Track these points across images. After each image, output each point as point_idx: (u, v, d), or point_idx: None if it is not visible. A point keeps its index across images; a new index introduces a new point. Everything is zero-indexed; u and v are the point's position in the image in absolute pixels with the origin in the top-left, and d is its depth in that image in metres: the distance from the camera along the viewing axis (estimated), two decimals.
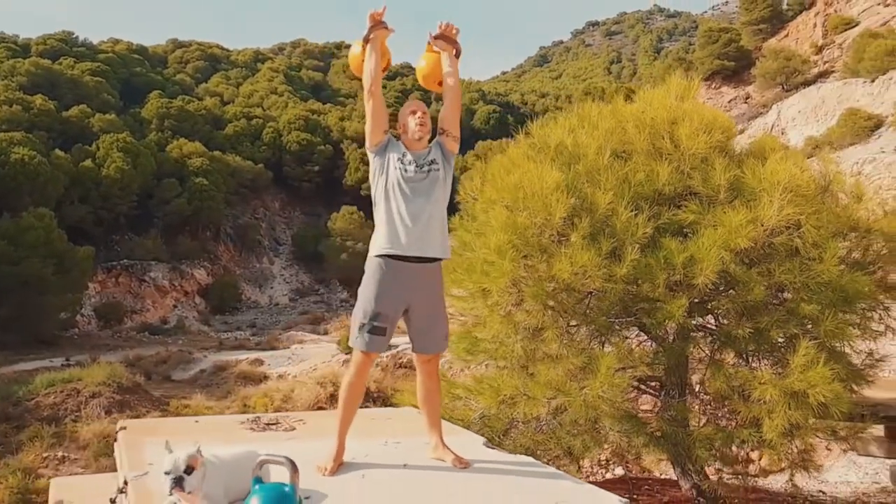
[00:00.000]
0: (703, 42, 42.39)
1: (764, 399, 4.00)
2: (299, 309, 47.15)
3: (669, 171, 4.43)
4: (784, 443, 4.20)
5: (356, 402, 3.48)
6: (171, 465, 2.56)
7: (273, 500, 2.45)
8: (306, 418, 4.44)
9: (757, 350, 4.50)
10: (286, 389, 24.74)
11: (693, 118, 4.59)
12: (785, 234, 4.18)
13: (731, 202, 4.34)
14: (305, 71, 74.13)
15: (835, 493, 6.26)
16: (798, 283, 4.13)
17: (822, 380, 3.78)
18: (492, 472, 3.32)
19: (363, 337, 3.27)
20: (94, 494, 3.87)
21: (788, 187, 4.11)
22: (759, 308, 4.27)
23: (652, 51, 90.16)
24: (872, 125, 26.58)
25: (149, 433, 3.87)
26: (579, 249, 4.09)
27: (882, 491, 6.45)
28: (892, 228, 4.54)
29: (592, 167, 4.51)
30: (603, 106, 5.08)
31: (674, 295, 4.20)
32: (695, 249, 4.12)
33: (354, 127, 55.55)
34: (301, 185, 54.41)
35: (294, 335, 37.12)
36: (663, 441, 4.52)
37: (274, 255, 53.17)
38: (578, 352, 4.34)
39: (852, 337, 4.47)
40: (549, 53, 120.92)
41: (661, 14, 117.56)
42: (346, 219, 48.57)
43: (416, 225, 3.24)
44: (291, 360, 30.40)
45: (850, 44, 32.73)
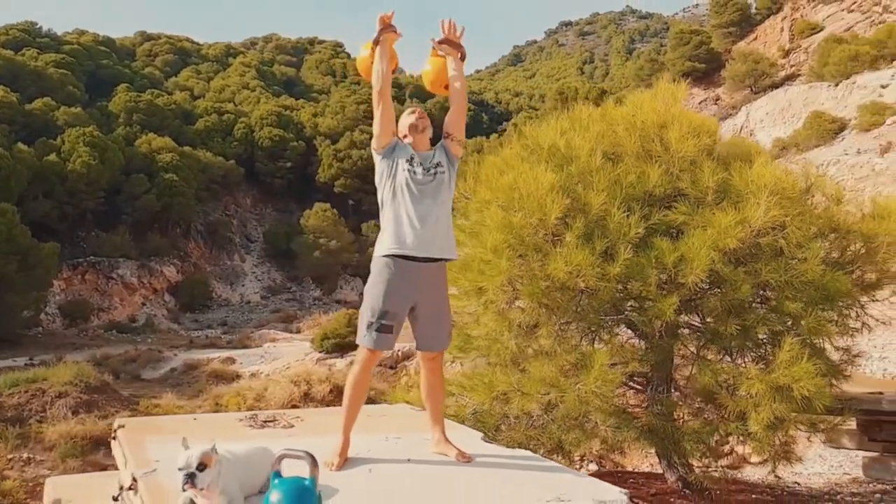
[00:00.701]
0: (674, 44, 43.04)
1: (751, 393, 4.15)
2: (271, 307, 46.74)
3: (659, 174, 4.56)
4: (768, 435, 4.35)
5: (361, 398, 3.54)
6: (184, 461, 2.60)
7: (294, 493, 2.50)
8: (303, 415, 4.48)
9: (741, 346, 4.65)
10: (259, 388, 24.52)
11: (682, 122, 4.72)
12: (771, 234, 4.34)
13: (719, 203, 4.49)
14: (278, 66, 73.44)
15: (809, 483, 6.48)
16: (782, 282, 4.29)
17: (806, 374, 3.94)
18: (494, 466, 3.41)
19: (371, 335, 3.33)
20: (92, 493, 3.87)
21: (774, 190, 4.26)
22: (744, 306, 4.42)
23: (624, 51, 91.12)
24: (837, 128, 27.30)
25: (149, 431, 3.88)
26: (574, 249, 4.19)
27: (854, 481, 6.69)
28: (870, 230, 4.73)
29: (585, 169, 4.62)
30: (593, 109, 5.18)
31: (664, 293, 4.32)
32: (685, 249, 4.26)
33: (327, 123, 55.22)
34: (273, 181, 53.89)
35: (266, 333, 36.81)
36: (652, 435, 4.65)
37: (245, 252, 52.58)
38: (571, 348, 4.45)
39: (832, 334, 4.65)
40: (522, 52, 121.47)
41: (633, 15, 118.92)
42: (319, 216, 48.26)
43: (424, 226, 3.30)
44: (264, 359, 30.17)
45: (815, 48, 33.55)
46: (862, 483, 6.54)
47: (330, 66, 75.63)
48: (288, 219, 53.17)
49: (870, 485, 6.41)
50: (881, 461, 6.13)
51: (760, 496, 5.66)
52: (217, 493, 2.63)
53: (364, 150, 52.17)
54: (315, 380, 24.83)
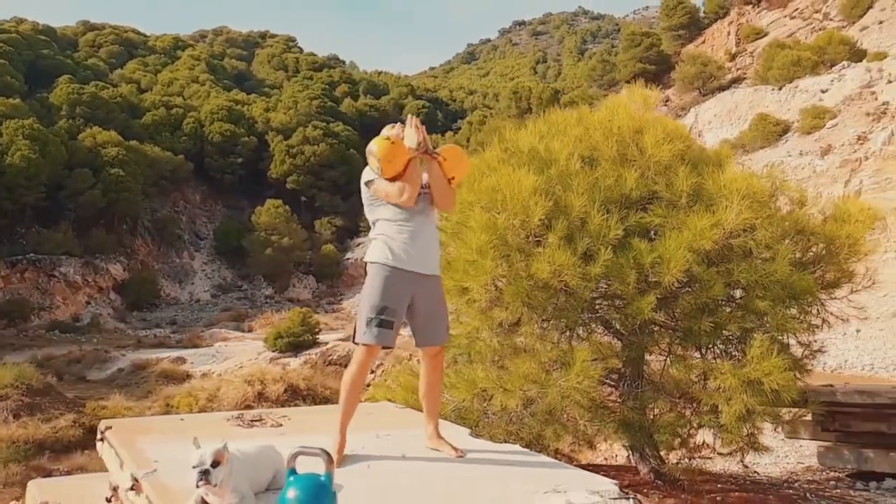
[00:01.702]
0: (626, 45, 43.97)
1: (723, 387, 4.36)
2: (222, 305, 45.90)
3: (636, 177, 4.73)
4: (738, 427, 4.57)
5: (358, 395, 3.61)
6: (197, 459, 2.64)
7: (311, 489, 2.54)
8: (290, 414, 4.49)
9: (712, 343, 4.86)
10: (212, 388, 24.12)
11: (656, 128, 4.90)
12: (742, 236, 4.55)
13: (692, 206, 4.68)
14: (228, 60, 72.03)
15: (767, 473, 6.79)
16: (752, 282, 4.50)
17: (776, 369, 4.15)
18: (486, 461, 3.51)
19: (371, 331, 3.39)
20: (80, 496, 3.81)
21: (745, 194, 4.47)
22: (716, 304, 4.63)
23: (576, 52, 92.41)
24: (780, 130, 28.35)
25: (137, 432, 3.85)
26: (556, 250, 4.31)
27: (807, 470, 7.05)
28: (831, 232, 5.01)
29: (564, 172, 4.75)
30: (569, 113, 5.32)
31: (642, 292, 4.49)
32: (662, 250, 4.43)
33: (280, 118, 54.41)
34: (224, 177, 52.83)
35: (217, 332, 36.16)
36: (627, 428, 4.82)
37: (195, 249, 51.40)
38: (552, 346, 4.58)
39: (799, 330, 4.91)
40: (476, 51, 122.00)
41: (585, 16, 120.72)
42: (271, 213, 47.55)
43: (415, 243, 3.43)
44: (216, 359, 29.67)
45: (760, 53, 34.76)
46: (816, 471, 6.89)
47: (282, 60, 74.56)
48: (239, 215, 52.24)
49: (823, 472, 6.77)
50: (834, 450, 6.47)
51: (725, 485, 5.92)
52: (229, 491, 2.67)
53: (317, 146, 51.64)
54: (269, 379, 24.52)
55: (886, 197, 22.23)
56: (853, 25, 34.61)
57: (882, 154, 24.21)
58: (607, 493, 3.00)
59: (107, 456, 3.67)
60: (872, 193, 23.00)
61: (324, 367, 27.19)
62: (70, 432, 17.80)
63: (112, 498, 3.53)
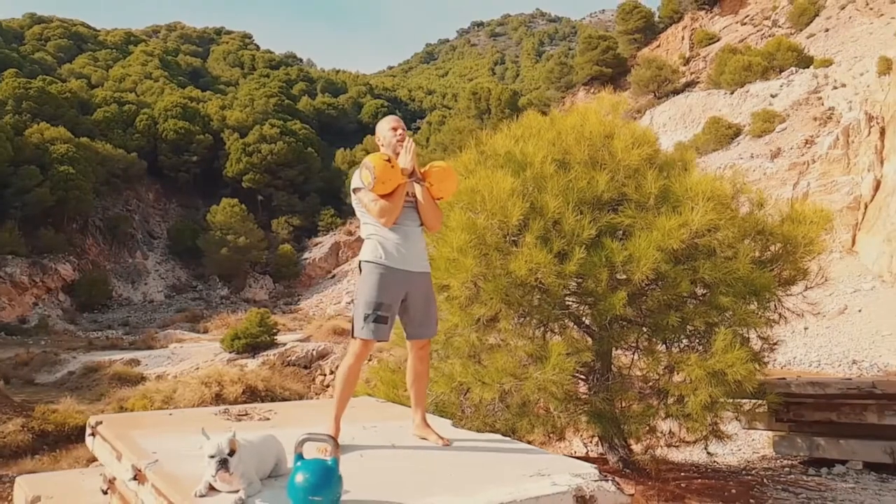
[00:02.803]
0: (583, 48, 44.65)
1: (690, 378, 4.59)
2: (176, 306, 45.00)
3: (607, 180, 4.93)
4: (703, 416, 4.81)
5: (353, 387, 3.76)
6: (214, 448, 2.77)
7: (320, 473, 2.66)
8: (275, 409, 4.56)
9: (677, 337, 5.11)
10: (167, 390, 23.66)
11: (626, 133, 5.12)
12: (707, 236, 4.79)
13: (660, 208, 4.90)
14: (183, 56, 70.62)
15: (726, 461, 7.11)
16: (717, 279, 4.75)
17: (738, 360, 4.40)
18: (472, 449, 3.69)
19: (369, 326, 3.54)
20: (71, 490, 3.84)
21: (710, 196, 4.71)
22: (682, 300, 4.86)
23: (534, 53, 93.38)
24: (732, 133, 29.23)
25: (130, 426, 3.92)
26: (533, 249, 4.48)
27: (762, 458, 7.39)
28: (788, 232, 5.30)
29: (539, 174, 4.92)
30: (542, 117, 5.50)
31: (613, 289, 4.69)
32: (633, 249, 4.64)
33: (236, 116, 53.61)
34: (178, 175, 51.80)
35: (172, 334, 35.46)
36: (599, 418, 5.03)
37: (148, 249, 50.23)
38: (528, 340, 4.75)
39: (759, 324, 5.19)
40: (435, 51, 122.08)
41: (542, 18, 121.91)
42: (227, 212, 46.77)
43: (407, 244, 3.61)
44: (171, 360, 29.12)
45: (713, 57, 35.74)
46: (770, 459, 7.24)
47: (238, 57, 73.46)
48: (193, 214, 51.27)
49: (777, 460, 7.11)
50: (788, 438, 6.82)
51: (688, 473, 6.19)
52: (238, 478, 2.78)
53: (274, 144, 51.06)
54: (227, 381, 24.19)
55: (832, 199, 23.19)
56: (801, 33, 35.93)
57: (828, 158, 25.20)
58: (588, 476, 3.18)
59: (100, 450, 3.72)
60: (819, 195, 23.96)
61: (282, 368, 26.93)
62: (18, 437, 17.29)
63: (109, 489, 3.58)
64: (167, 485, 2.89)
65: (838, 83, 28.87)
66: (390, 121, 3.75)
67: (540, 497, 2.94)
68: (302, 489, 2.63)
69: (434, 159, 22.80)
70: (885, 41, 28.88)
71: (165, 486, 2.88)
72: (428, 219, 3.65)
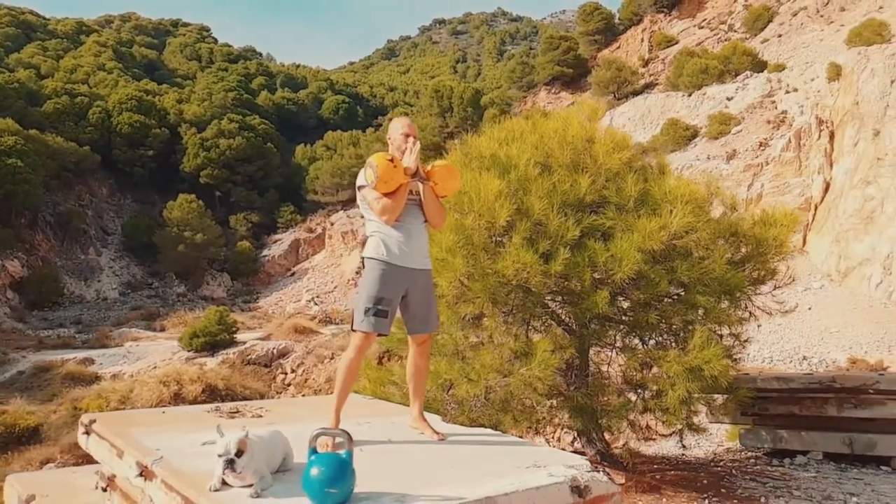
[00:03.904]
0: (544, 48, 45.09)
1: (668, 374, 4.79)
2: (131, 304, 43.96)
3: (588, 183, 5.09)
4: (680, 410, 5.02)
5: (353, 381, 3.85)
6: (223, 448, 2.82)
7: (335, 466, 2.73)
8: (267, 406, 4.60)
9: (656, 335, 5.30)
10: (123, 390, 23.17)
11: (606, 138, 5.29)
12: (685, 237, 4.99)
13: (639, 210, 5.09)
14: (138, 48, 68.78)
15: (694, 454, 7.38)
16: (694, 279, 4.96)
17: (714, 357, 4.61)
18: (466, 442, 3.81)
19: (369, 319, 3.64)
20: (66, 488, 3.82)
21: (688, 199, 4.92)
22: (660, 299, 5.06)
23: (496, 52, 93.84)
24: (690, 135, 29.97)
25: (126, 424, 3.94)
26: (520, 249, 4.60)
27: (727, 451, 7.70)
28: (759, 234, 5.56)
29: (523, 177, 5.05)
30: (524, 121, 5.64)
31: (596, 288, 4.86)
32: (615, 250, 4.81)
33: (193, 110, 52.55)
34: (133, 170, 50.51)
35: (127, 332, 34.68)
36: (580, 413, 5.19)
37: (101, 245, 48.89)
38: (513, 338, 4.88)
39: (732, 322, 5.43)
40: (396, 47, 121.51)
41: (504, 17, 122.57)
42: (184, 208, 45.85)
43: (409, 241, 3.71)
44: (127, 359, 28.50)
45: (671, 60, 36.53)
46: (735, 451, 7.55)
47: (195, 50, 71.96)
48: (149, 210, 50.10)
49: (742, 452, 7.42)
50: (753, 431, 7.13)
51: (661, 466, 6.42)
52: (250, 474, 2.84)
53: (233, 139, 50.26)
54: (186, 380, 23.79)
55: (784, 200, 24.01)
56: (755, 38, 37.02)
57: (780, 160, 26.06)
58: (582, 467, 3.32)
59: (96, 447, 3.72)
60: (772, 197, 24.80)
61: (242, 366, 26.64)
62: None
63: (108, 487, 3.57)
64: (179, 480, 2.93)
65: (791, 87, 29.86)
66: (404, 125, 3.81)
67: (540, 487, 3.06)
68: (318, 482, 2.70)
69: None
70: (835, 48, 30.00)
71: (178, 482, 2.92)
72: (432, 216, 3.74)
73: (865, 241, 20.93)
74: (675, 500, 5.15)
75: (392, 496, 2.84)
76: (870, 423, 6.45)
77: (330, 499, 2.71)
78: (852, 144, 23.65)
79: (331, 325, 32.53)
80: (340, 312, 37.00)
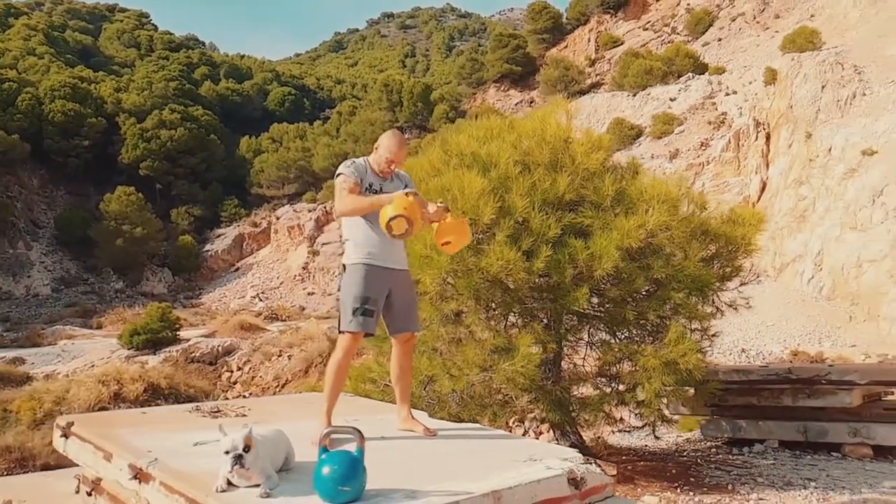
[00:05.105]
0: (493, 46, 45.41)
1: (644, 367, 4.95)
2: (65, 300, 42.26)
3: (567, 182, 5.20)
4: (656, 402, 5.20)
5: (343, 382, 3.86)
6: (230, 445, 2.79)
7: (347, 464, 2.72)
8: (248, 405, 4.52)
9: (633, 330, 5.46)
10: (58, 390, 22.26)
11: (584, 139, 5.41)
12: (659, 235, 5.16)
13: (615, 209, 5.23)
14: (71, 33, 65.88)
15: (657, 446, 7.63)
16: (668, 276, 5.13)
17: (689, 351, 4.79)
18: (459, 437, 3.86)
19: (357, 319, 3.67)
20: (44, 492, 3.68)
21: (663, 199, 5.08)
22: (636, 295, 5.21)
23: (444, 48, 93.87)
24: (635, 134, 30.74)
25: (108, 426, 3.83)
26: (503, 246, 4.67)
27: (687, 442, 7.99)
28: (728, 232, 5.79)
29: (504, 175, 5.12)
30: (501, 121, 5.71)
31: (576, 285, 4.97)
32: (595, 248, 4.93)
33: (133, 99, 50.76)
34: (67, 161, 48.40)
35: (61, 330, 33.32)
36: (558, 406, 5.31)
37: (32, 239, 46.75)
38: (496, 334, 4.95)
39: (705, 317, 5.64)
40: (344, 40, 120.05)
41: (453, 13, 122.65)
42: (122, 200, 44.28)
43: (389, 244, 3.72)
44: (61, 358, 27.40)
45: (616, 60, 37.33)
46: (696, 442, 7.84)
47: (134, 37, 69.46)
48: (84, 203, 48.16)
49: (703, 442, 7.72)
50: (714, 422, 7.42)
51: (629, 457, 6.62)
52: (256, 473, 2.82)
53: (175, 130, 48.83)
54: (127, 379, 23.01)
55: (724, 199, 24.91)
56: (697, 41, 38.22)
57: (720, 160, 27.00)
58: (576, 459, 3.41)
59: (77, 450, 3.59)
60: (712, 195, 25.64)
61: (186, 364, 26.01)
62: None
63: (93, 491, 3.44)
64: (182, 482, 2.87)
65: (730, 90, 30.96)
66: (399, 145, 3.71)
67: (541, 480, 3.13)
68: (331, 480, 2.69)
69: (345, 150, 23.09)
70: (771, 53, 31.25)
71: (181, 484, 2.86)
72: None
73: (798, 239, 21.94)
74: (649, 489, 5.33)
75: (402, 492, 2.86)
76: (821, 411, 6.81)
77: (343, 496, 2.71)
78: (787, 146, 24.73)
79: (277, 322, 31.99)
80: (287, 309, 36.47)
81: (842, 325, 18.59)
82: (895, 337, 16.63)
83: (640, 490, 5.28)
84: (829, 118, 22.63)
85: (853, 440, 6.68)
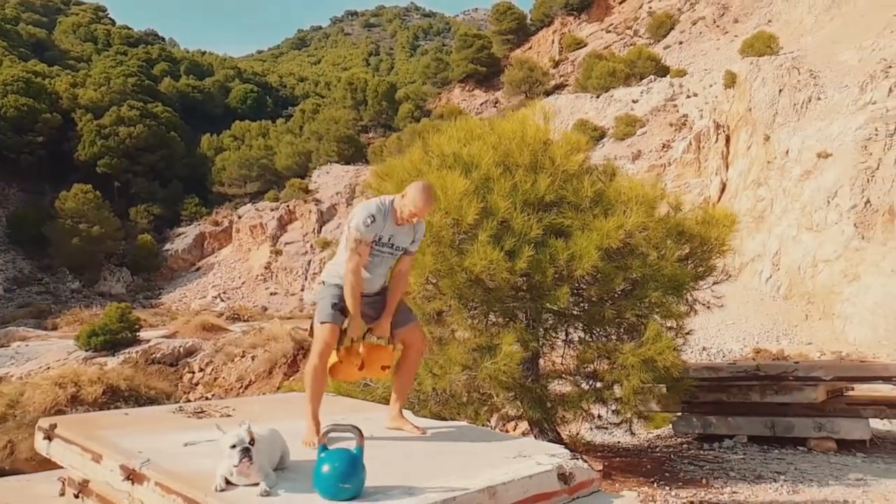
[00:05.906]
0: (458, 46, 45.56)
1: (624, 365, 5.06)
2: (18, 301, 41.03)
3: (547, 183, 5.28)
4: (634, 399, 5.31)
5: (325, 379, 3.86)
6: (236, 439, 2.81)
7: (347, 461, 2.73)
8: (232, 405, 4.49)
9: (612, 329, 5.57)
10: (13, 393, 21.68)
11: (563, 141, 5.50)
12: (637, 236, 5.27)
13: (594, 210, 5.33)
14: (24, 26, 63.88)
15: (630, 443, 7.78)
16: (646, 275, 5.25)
17: (667, 349, 4.91)
18: (448, 435, 3.89)
19: (335, 313, 3.70)
20: (28, 496, 3.59)
21: (641, 200, 5.19)
22: (615, 294, 5.32)
23: (409, 47, 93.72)
24: (598, 135, 31.16)
25: (93, 427, 3.77)
26: (486, 246, 4.72)
27: (659, 438, 8.16)
28: (702, 233, 5.95)
29: (485, 176, 5.18)
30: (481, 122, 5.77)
31: (557, 285, 5.05)
32: (575, 248, 5.01)
33: (90, 95, 49.48)
34: (20, 157, 46.93)
35: (14, 331, 32.34)
36: (538, 404, 5.39)
37: None
38: (478, 333, 5.00)
39: (681, 316, 5.78)
40: (307, 37, 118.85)
41: (417, 12, 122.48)
42: (79, 198, 43.14)
43: (373, 276, 3.78)
44: (15, 360, 26.62)
45: (580, 62, 37.80)
46: (667, 438, 8.02)
47: (90, 31, 67.71)
48: (38, 200, 46.77)
49: (674, 438, 7.90)
50: (685, 418, 7.61)
51: (605, 454, 6.74)
52: (255, 471, 2.83)
53: (134, 127, 47.77)
54: (85, 381, 22.48)
55: (685, 199, 25.43)
56: (658, 43, 38.95)
57: (682, 161, 27.56)
58: (564, 455, 3.48)
59: (63, 453, 3.52)
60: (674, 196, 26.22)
61: (146, 366, 25.53)
62: None
63: (81, 493, 3.38)
64: (178, 482, 2.84)
65: (691, 92, 31.62)
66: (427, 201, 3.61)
67: (532, 476, 3.19)
68: (332, 477, 2.71)
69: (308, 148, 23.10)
70: (730, 57, 32.02)
71: (177, 484, 2.84)
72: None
73: (757, 239, 22.51)
74: (627, 485, 5.44)
75: (400, 489, 2.88)
76: (787, 407, 7.04)
77: (343, 494, 2.73)
78: (746, 148, 25.37)
79: (239, 322, 31.54)
80: (249, 309, 36.00)
81: (798, 323, 19.13)
82: (848, 335, 17.18)
83: (618, 485, 5.39)
84: (786, 121, 23.29)
85: (818, 434, 6.93)
